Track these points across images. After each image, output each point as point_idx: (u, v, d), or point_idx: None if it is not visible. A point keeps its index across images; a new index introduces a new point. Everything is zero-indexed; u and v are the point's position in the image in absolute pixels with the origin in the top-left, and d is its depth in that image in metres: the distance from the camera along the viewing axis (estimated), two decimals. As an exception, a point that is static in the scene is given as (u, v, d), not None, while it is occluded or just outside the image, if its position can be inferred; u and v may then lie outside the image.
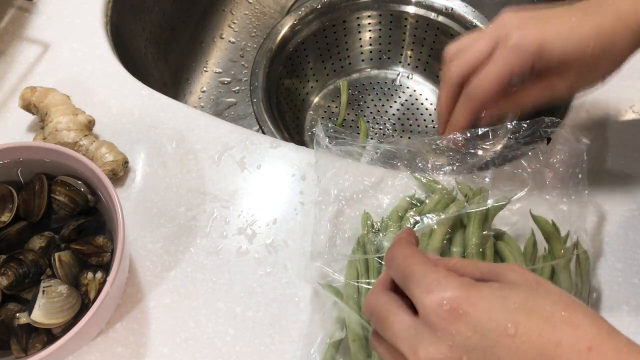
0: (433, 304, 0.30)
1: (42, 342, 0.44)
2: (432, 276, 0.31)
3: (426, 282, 0.31)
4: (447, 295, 0.30)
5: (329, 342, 0.45)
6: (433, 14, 0.82)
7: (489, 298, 0.30)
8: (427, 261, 0.33)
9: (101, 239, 0.47)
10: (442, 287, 0.30)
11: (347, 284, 0.47)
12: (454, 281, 0.31)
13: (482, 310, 0.29)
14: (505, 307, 0.29)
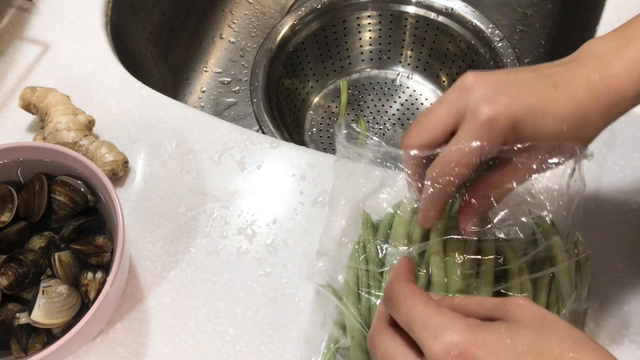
0: (441, 350, 0.29)
1: (42, 342, 0.44)
2: (438, 319, 0.31)
3: (432, 325, 0.31)
4: (454, 339, 0.29)
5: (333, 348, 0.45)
6: (433, 14, 0.82)
7: (497, 341, 0.29)
8: (429, 302, 0.32)
9: (101, 239, 0.47)
10: (448, 331, 0.30)
11: (346, 290, 0.47)
12: (461, 324, 0.30)
13: (490, 355, 0.29)
14: (513, 350, 0.29)
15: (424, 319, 0.31)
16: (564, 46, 0.78)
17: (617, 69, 0.37)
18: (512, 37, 0.87)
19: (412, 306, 0.32)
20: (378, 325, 0.35)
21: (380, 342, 0.34)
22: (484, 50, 0.79)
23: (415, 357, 0.31)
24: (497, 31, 0.79)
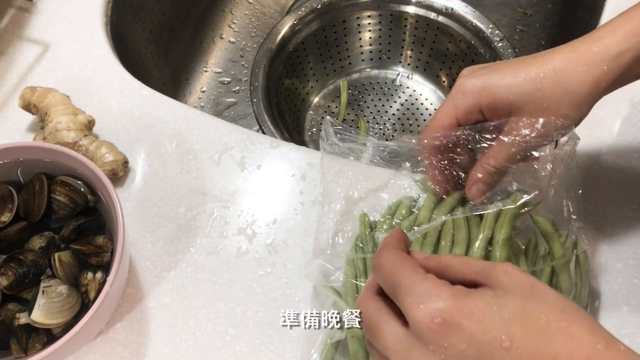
0: (424, 317, 0.29)
1: (42, 342, 0.44)
2: (423, 286, 0.30)
3: (416, 292, 0.30)
4: (439, 306, 0.29)
5: (329, 343, 0.45)
6: (433, 14, 0.82)
7: (482, 308, 0.29)
8: (416, 269, 0.32)
9: (101, 239, 0.47)
10: (433, 298, 0.29)
11: (346, 282, 0.47)
12: (446, 291, 0.30)
13: (476, 322, 0.28)
14: (500, 317, 0.28)
15: (410, 285, 0.31)
16: (564, 46, 0.78)
17: (599, 33, 0.38)
18: (512, 37, 0.87)
19: (398, 273, 0.32)
20: (365, 294, 0.35)
21: (367, 310, 0.34)
22: (484, 50, 0.79)
23: (399, 325, 0.31)
24: (497, 31, 0.79)
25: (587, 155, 0.56)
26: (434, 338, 0.28)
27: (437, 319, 0.29)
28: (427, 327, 0.29)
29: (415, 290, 0.30)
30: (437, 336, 0.28)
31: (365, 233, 0.49)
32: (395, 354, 0.30)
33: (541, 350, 0.27)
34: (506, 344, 0.28)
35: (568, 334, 0.28)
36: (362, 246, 0.49)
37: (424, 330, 0.29)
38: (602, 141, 0.57)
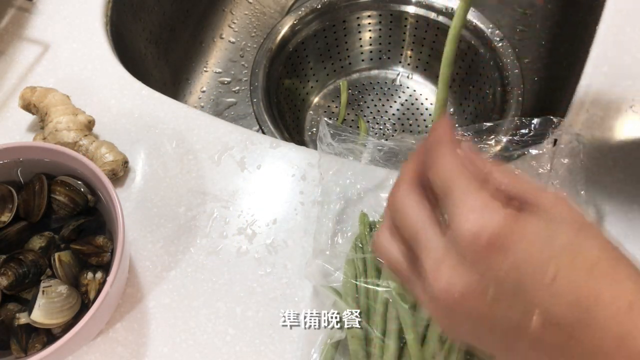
0: (471, 233, 0.26)
1: (42, 342, 0.44)
2: (478, 199, 0.27)
3: (470, 204, 0.27)
4: (489, 226, 0.26)
5: (329, 343, 0.45)
6: (433, 13, 0.82)
7: (533, 236, 0.26)
8: (472, 180, 0.28)
9: (101, 239, 0.47)
10: (486, 215, 0.27)
11: (346, 282, 0.47)
12: (499, 212, 0.27)
13: (524, 249, 0.26)
14: (549, 248, 0.26)
15: (465, 193, 0.28)
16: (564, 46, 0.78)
17: None
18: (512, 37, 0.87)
19: (456, 177, 0.28)
20: (407, 182, 0.31)
21: (407, 200, 0.30)
22: (484, 50, 0.79)
23: (441, 230, 0.28)
24: (497, 31, 0.78)
25: (587, 155, 0.56)
26: (477, 256, 0.26)
27: (485, 236, 0.26)
28: (473, 243, 0.26)
29: (470, 202, 0.27)
30: (480, 255, 0.26)
31: (364, 233, 0.49)
32: (429, 254, 0.28)
33: (583, 289, 0.26)
34: (550, 275, 0.26)
35: (614, 278, 0.26)
36: (362, 246, 0.49)
37: (468, 245, 0.26)
38: (603, 141, 0.57)
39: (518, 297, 0.26)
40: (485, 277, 0.26)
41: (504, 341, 0.28)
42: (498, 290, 0.26)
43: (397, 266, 0.31)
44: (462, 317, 0.28)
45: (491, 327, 0.28)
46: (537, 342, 0.27)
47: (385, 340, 0.44)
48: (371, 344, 0.45)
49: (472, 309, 0.27)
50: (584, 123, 0.58)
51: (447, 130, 0.31)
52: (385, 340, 0.44)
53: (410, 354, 0.44)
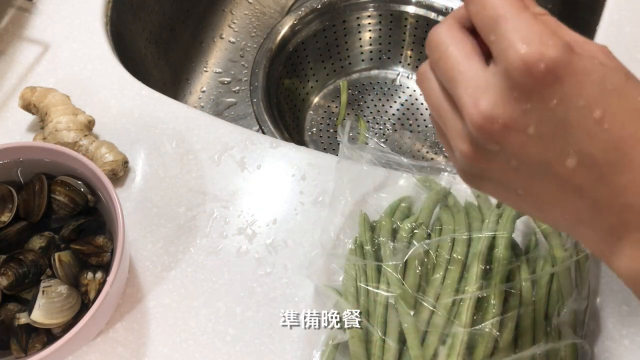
0: (527, 58, 0.25)
1: (42, 342, 0.44)
2: (534, 27, 0.25)
3: (526, 31, 0.25)
4: (548, 55, 0.25)
5: (331, 344, 0.45)
6: (433, 13, 0.82)
7: (588, 72, 0.25)
8: (524, 9, 0.26)
9: (101, 239, 0.47)
10: (543, 43, 0.25)
11: (346, 282, 0.47)
12: (559, 41, 0.25)
13: (578, 83, 0.25)
14: (601, 86, 0.25)
15: (518, 22, 0.26)
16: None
17: None
18: (512, 37, 0.87)
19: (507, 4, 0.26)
20: (449, 22, 0.29)
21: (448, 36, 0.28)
22: (484, 50, 0.79)
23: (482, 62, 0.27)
24: (497, 31, 0.79)
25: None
26: (527, 84, 0.25)
27: (540, 65, 0.25)
28: (525, 70, 0.25)
29: (525, 29, 0.25)
30: (531, 83, 0.25)
31: (365, 236, 0.49)
32: (467, 86, 0.27)
33: (627, 130, 0.25)
34: (597, 114, 0.25)
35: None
36: (363, 248, 0.49)
37: (518, 72, 0.25)
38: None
39: (558, 135, 0.26)
40: (532, 110, 0.25)
41: (528, 182, 0.28)
42: (541, 125, 0.26)
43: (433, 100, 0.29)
44: (495, 155, 0.27)
45: (520, 166, 0.27)
46: (564, 184, 0.27)
47: (386, 340, 0.44)
48: (372, 344, 0.45)
49: (510, 145, 0.26)
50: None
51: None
52: (386, 340, 0.44)
53: (410, 355, 0.44)
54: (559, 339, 0.44)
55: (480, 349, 0.43)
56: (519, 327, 0.44)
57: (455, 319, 0.44)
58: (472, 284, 0.44)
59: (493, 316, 0.43)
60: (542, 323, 0.45)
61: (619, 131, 0.25)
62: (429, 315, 0.45)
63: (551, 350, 0.44)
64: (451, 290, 0.45)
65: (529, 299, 0.45)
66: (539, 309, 0.45)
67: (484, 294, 0.44)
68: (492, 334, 0.43)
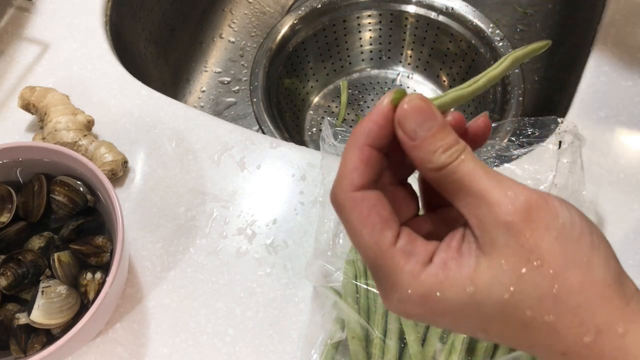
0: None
1: (42, 342, 0.44)
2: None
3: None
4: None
5: (330, 343, 0.45)
6: (433, 13, 0.82)
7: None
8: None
9: (100, 239, 0.47)
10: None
11: (346, 282, 0.47)
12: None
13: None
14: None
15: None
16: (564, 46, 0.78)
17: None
18: (513, 36, 0.87)
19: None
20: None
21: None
22: (484, 50, 0.79)
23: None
24: (498, 31, 0.78)
25: (587, 155, 0.56)
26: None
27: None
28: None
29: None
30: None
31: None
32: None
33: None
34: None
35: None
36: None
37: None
38: (603, 141, 0.57)
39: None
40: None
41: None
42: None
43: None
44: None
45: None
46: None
47: (386, 340, 0.44)
48: (372, 344, 0.45)
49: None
50: (584, 123, 0.58)
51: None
52: (386, 340, 0.44)
53: (410, 355, 0.44)
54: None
55: (481, 348, 0.43)
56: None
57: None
58: None
59: None
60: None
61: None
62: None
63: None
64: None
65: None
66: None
67: None
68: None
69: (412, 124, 0.26)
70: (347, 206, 0.27)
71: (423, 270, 0.26)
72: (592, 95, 0.60)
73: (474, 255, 0.26)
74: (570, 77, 0.69)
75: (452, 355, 0.43)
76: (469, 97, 0.30)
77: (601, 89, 0.60)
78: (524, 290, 0.25)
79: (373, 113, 0.27)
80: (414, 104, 0.27)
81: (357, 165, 0.27)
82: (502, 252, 0.25)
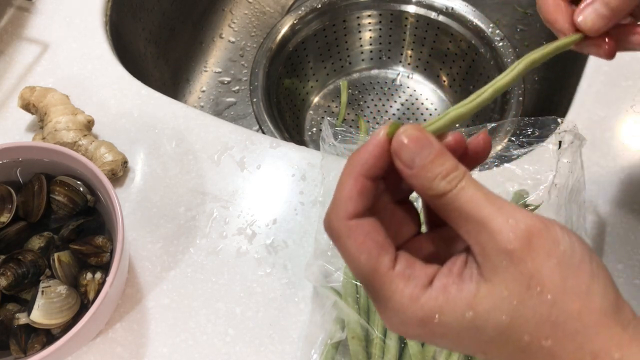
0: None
1: (42, 342, 0.44)
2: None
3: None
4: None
5: (330, 343, 0.45)
6: (433, 13, 0.82)
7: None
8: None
9: (100, 239, 0.47)
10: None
11: (346, 282, 0.47)
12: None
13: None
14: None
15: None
16: (565, 46, 0.78)
17: None
18: (513, 36, 0.87)
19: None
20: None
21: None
22: (484, 50, 0.79)
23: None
24: (498, 31, 0.78)
25: (587, 155, 0.56)
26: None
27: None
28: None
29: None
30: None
31: None
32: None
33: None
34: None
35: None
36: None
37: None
38: (603, 141, 0.57)
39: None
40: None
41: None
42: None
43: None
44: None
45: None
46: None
47: (386, 340, 0.44)
48: (372, 344, 0.45)
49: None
50: (584, 123, 0.58)
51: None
52: (386, 340, 0.44)
53: (410, 354, 0.44)
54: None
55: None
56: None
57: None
58: None
59: None
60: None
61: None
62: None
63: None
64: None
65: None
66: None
67: None
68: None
69: (409, 153, 0.27)
70: (342, 234, 0.27)
71: (423, 294, 0.26)
72: (592, 95, 0.60)
73: (475, 281, 0.26)
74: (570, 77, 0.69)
75: (452, 356, 0.43)
76: (473, 113, 0.30)
77: (601, 89, 0.60)
78: (523, 316, 0.25)
79: (369, 144, 0.28)
80: (409, 133, 0.27)
81: (351, 194, 0.27)
82: (503, 278, 0.25)
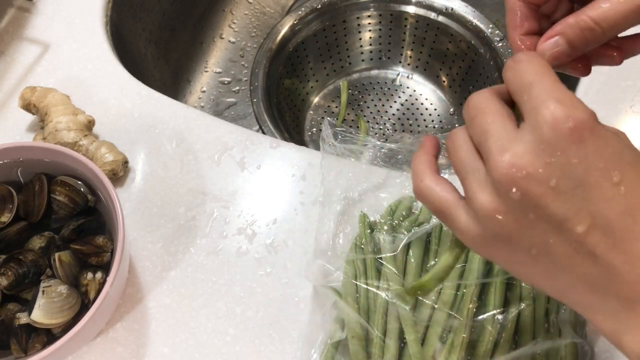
0: (556, 116, 0.27)
1: (42, 342, 0.44)
2: (566, 93, 0.28)
3: (556, 95, 0.28)
4: (577, 115, 0.27)
5: (329, 343, 0.45)
6: (433, 13, 0.82)
7: (609, 141, 0.28)
8: (558, 80, 0.29)
9: (101, 239, 0.47)
10: (574, 106, 0.28)
11: (346, 282, 0.47)
12: (587, 108, 0.28)
13: (599, 147, 0.27)
14: (620, 155, 0.27)
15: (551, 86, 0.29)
16: (564, 46, 0.78)
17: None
18: (512, 37, 0.87)
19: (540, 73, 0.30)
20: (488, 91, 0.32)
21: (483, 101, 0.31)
22: (484, 50, 0.79)
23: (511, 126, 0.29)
24: (497, 31, 0.78)
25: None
26: (554, 139, 0.27)
27: (570, 122, 0.27)
28: (555, 126, 0.27)
29: (558, 92, 0.28)
30: (558, 139, 0.27)
31: (365, 233, 0.49)
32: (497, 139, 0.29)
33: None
34: (615, 178, 0.27)
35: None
36: (362, 247, 0.49)
37: (548, 127, 0.27)
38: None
39: (577, 193, 0.27)
40: (555, 164, 0.27)
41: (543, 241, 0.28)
42: (562, 180, 0.27)
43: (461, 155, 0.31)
44: (513, 206, 0.28)
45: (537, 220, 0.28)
46: (579, 246, 0.27)
47: (386, 340, 0.44)
48: (371, 344, 0.45)
49: (530, 194, 0.27)
50: (584, 123, 0.58)
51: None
52: (385, 340, 0.44)
53: (410, 354, 0.44)
54: (559, 337, 0.44)
55: (481, 347, 0.43)
56: (519, 323, 0.44)
57: (456, 314, 0.44)
58: (473, 279, 0.44)
59: (494, 308, 0.43)
60: (542, 320, 0.45)
61: (632, 200, 0.27)
62: (430, 311, 0.45)
63: (551, 349, 0.44)
64: (452, 285, 0.45)
65: (529, 295, 0.45)
66: (539, 305, 0.45)
67: (485, 282, 0.44)
68: (493, 332, 0.43)
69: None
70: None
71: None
72: (592, 95, 0.60)
73: None
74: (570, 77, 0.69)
75: (452, 355, 0.43)
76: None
77: (601, 89, 0.60)
78: None
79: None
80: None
81: None
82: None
